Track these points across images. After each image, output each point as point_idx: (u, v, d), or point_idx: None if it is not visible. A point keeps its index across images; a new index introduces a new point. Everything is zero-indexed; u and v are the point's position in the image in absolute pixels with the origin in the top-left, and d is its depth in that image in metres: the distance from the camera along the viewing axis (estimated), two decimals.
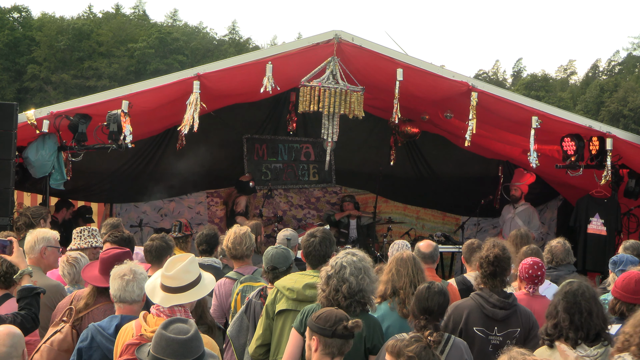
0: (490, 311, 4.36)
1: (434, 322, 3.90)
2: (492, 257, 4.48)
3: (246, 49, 52.29)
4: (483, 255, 4.53)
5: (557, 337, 3.68)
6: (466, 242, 6.43)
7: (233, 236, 5.67)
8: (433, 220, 12.65)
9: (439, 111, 9.36)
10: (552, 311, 3.76)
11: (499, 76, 67.43)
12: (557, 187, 11.57)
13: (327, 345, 3.34)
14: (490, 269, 4.47)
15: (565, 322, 3.65)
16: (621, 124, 44.88)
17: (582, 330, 3.63)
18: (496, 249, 4.54)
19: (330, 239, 4.68)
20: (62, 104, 7.85)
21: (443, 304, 3.98)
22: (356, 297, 4.01)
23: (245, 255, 5.62)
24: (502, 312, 4.37)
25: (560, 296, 3.77)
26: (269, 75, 7.32)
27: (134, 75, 45.21)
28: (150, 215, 11.28)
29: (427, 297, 3.95)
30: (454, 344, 3.95)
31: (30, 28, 52.35)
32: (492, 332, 4.34)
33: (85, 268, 4.49)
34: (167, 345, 2.86)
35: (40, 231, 5.16)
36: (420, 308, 3.95)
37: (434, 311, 3.92)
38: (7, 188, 6.92)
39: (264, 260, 5.08)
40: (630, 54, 61.41)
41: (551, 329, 3.72)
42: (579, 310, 3.66)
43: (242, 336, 4.99)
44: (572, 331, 3.63)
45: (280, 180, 11.79)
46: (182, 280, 3.63)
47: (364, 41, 7.73)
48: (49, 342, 4.07)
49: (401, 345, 3.07)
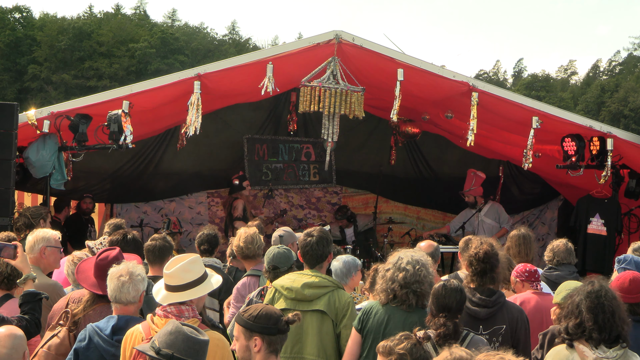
0: (472, 310, 4.34)
1: (453, 320, 3.90)
2: (482, 254, 4.44)
3: (246, 49, 52.34)
4: (472, 253, 4.49)
5: (579, 337, 3.61)
6: (463, 238, 6.42)
7: (244, 236, 5.75)
8: (434, 220, 12.65)
9: (440, 111, 9.35)
10: (574, 310, 3.66)
11: (500, 76, 67.49)
12: (558, 187, 11.57)
13: (271, 343, 3.30)
14: (481, 267, 4.44)
15: (589, 322, 3.57)
16: (622, 124, 44.93)
17: (606, 331, 3.56)
18: (485, 245, 4.50)
19: (328, 239, 4.68)
20: (62, 104, 7.85)
21: (461, 300, 3.99)
22: (412, 286, 4.10)
23: (258, 254, 5.68)
24: (484, 310, 4.35)
25: (582, 295, 3.67)
26: (269, 76, 7.31)
27: (135, 76, 45.23)
28: (151, 216, 11.29)
29: (444, 294, 3.96)
30: (472, 341, 3.92)
31: (31, 28, 52.42)
32: (478, 330, 4.31)
33: (80, 269, 4.42)
34: (190, 344, 2.93)
35: (41, 231, 5.16)
36: (439, 306, 3.95)
37: (452, 308, 3.93)
38: (7, 188, 6.92)
39: (265, 259, 5.10)
40: (631, 54, 61.44)
41: (573, 329, 3.63)
42: (602, 310, 3.58)
43: None
44: (596, 332, 3.56)
45: (281, 180, 11.78)
46: (181, 279, 3.65)
47: (364, 41, 7.73)
48: (46, 347, 4.06)
49: (392, 345, 3.08)
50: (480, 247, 4.50)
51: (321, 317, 4.43)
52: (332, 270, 5.52)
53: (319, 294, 4.45)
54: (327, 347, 4.41)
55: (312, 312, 4.44)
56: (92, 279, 4.28)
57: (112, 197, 11.15)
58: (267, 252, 5.19)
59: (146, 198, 11.34)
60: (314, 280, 4.46)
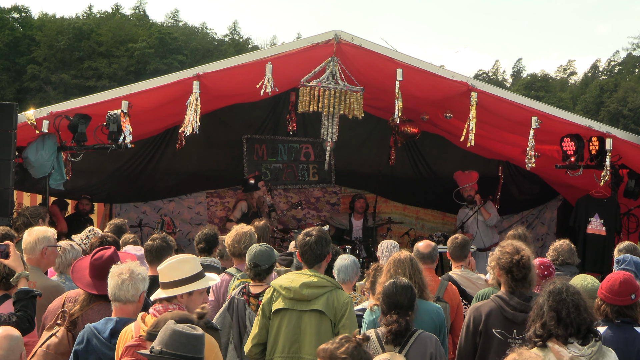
0: (510, 314, 4.26)
1: (404, 317, 3.95)
2: (526, 261, 4.31)
3: (246, 49, 52.32)
4: (512, 260, 4.32)
5: (547, 337, 3.58)
6: (450, 237, 6.39)
7: (234, 234, 5.78)
8: (433, 220, 12.65)
9: (439, 111, 9.35)
10: (538, 312, 3.64)
11: (499, 76, 67.51)
12: (557, 187, 11.57)
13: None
14: (522, 273, 4.31)
15: (552, 320, 3.55)
16: (621, 124, 44.96)
17: (572, 326, 3.53)
18: (524, 251, 4.37)
19: (327, 239, 4.67)
20: (61, 104, 7.84)
21: (411, 297, 4.06)
22: None
23: (243, 254, 5.63)
24: (522, 315, 4.22)
25: (544, 296, 3.66)
26: (268, 76, 7.31)
27: (134, 75, 45.21)
28: (150, 216, 11.28)
29: (395, 292, 4.04)
30: (419, 338, 3.96)
31: (30, 28, 52.37)
32: (512, 334, 4.24)
33: (76, 268, 4.41)
34: (184, 339, 2.93)
35: (39, 230, 5.13)
36: (390, 304, 4.03)
37: (404, 305, 3.99)
38: (6, 188, 6.92)
39: (247, 257, 5.10)
40: (630, 54, 61.48)
41: (539, 329, 3.60)
42: (565, 306, 3.56)
43: (225, 334, 5.01)
44: (560, 328, 3.53)
45: (280, 180, 11.78)
46: (167, 276, 3.71)
47: (363, 41, 7.72)
48: (44, 346, 4.05)
49: (332, 349, 3.02)
50: (521, 253, 4.36)
51: (319, 317, 4.42)
52: (337, 268, 5.53)
53: (317, 293, 4.44)
54: None
55: (311, 312, 4.43)
56: (87, 278, 4.28)
57: (111, 197, 11.15)
58: (249, 249, 5.17)
59: (145, 198, 11.33)
60: (312, 280, 4.46)
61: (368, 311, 4.88)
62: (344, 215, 11.63)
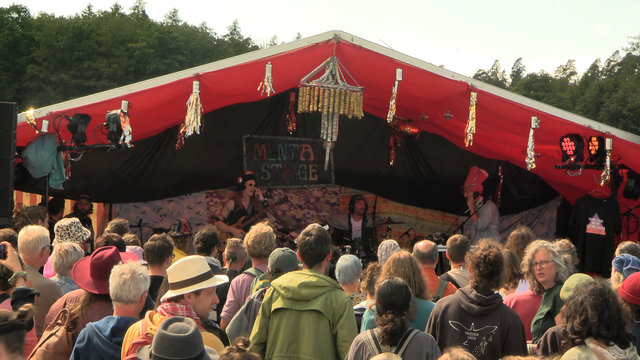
0: (465, 305, 4.36)
1: (400, 316, 3.95)
2: (492, 257, 4.42)
3: (245, 49, 52.28)
4: (481, 255, 4.46)
5: (586, 335, 3.56)
6: (449, 238, 6.40)
7: (254, 235, 5.78)
8: (432, 220, 12.65)
9: (439, 111, 9.35)
10: (578, 309, 3.62)
11: (499, 76, 67.50)
12: (557, 187, 11.57)
13: (10, 342, 3.07)
14: (489, 269, 4.42)
15: (594, 318, 3.53)
16: (620, 124, 44.94)
17: (614, 327, 3.52)
18: (494, 249, 4.50)
19: (327, 238, 4.66)
20: (61, 104, 7.85)
21: (406, 297, 4.06)
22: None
23: (264, 255, 5.66)
24: (477, 307, 4.33)
25: (585, 294, 3.63)
26: (268, 76, 7.31)
27: (134, 75, 45.20)
28: (150, 216, 11.28)
29: (390, 292, 4.04)
30: (415, 338, 3.96)
31: (29, 28, 52.33)
32: (469, 327, 4.33)
33: (77, 268, 4.43)
34: (170, 344, 2.87)
35: (37, 230, 5.13)
36: (385, 303, 4.03)
37: (399, 305, 4.00)
38: (6, 188, 6.92)
39: (269, 261, 5.11)
40: (630, 54, 61.45)
41: (579, 326, 3.57)
42: (607, 306, 3.55)
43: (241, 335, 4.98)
44: (604, 328, 3.51)
45: (280, 180, 11.78)
46: (175, 276, 3.70)
47: (363, 41, 7.73)
48: (44, 346, 4.06)
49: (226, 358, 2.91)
50: (490, 249, 4.47)
51: (318, 317, 4.42)
52: (338, 269, 5.53)
53: (316, 293, 4.44)
54: (323, 347, 4.40)
55: (309, 312, 4.43)
56: (88, 278, 4.29)
57: (111, 197, 11.13)
58: (271, 254, 5.19)
59: (145, 198, 11.33)
60: (311, 280, 4.46)
61: (367, 311, 4.89)
62: (344, 215, 11.63)
